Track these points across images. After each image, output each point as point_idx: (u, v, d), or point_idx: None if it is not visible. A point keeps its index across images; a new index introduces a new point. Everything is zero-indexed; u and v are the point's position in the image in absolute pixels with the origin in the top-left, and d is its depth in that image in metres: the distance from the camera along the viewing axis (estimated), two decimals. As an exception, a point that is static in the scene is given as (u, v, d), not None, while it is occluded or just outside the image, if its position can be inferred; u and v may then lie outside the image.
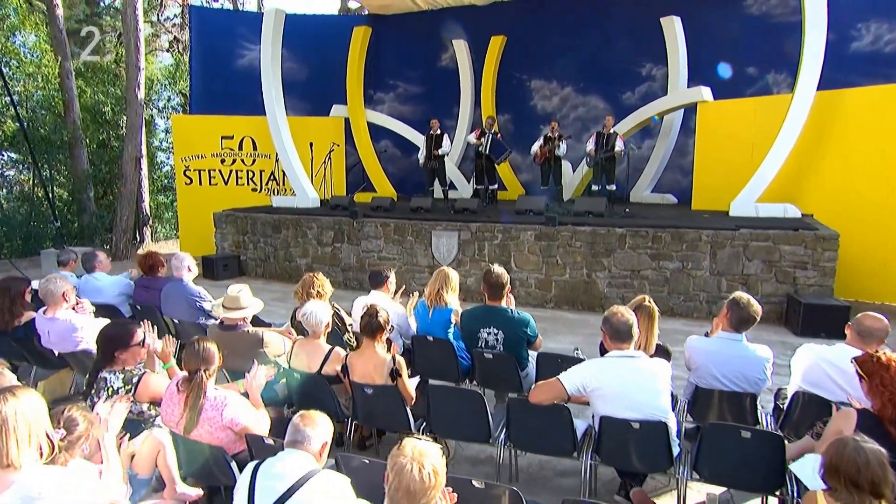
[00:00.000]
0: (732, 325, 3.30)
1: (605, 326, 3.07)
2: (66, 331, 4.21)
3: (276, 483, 2.10)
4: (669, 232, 7.51)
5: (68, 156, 12.70)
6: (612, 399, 2.91)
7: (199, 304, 5.11)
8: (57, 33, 12.28)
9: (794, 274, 7.00)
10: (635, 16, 11.80)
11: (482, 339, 4.08)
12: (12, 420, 2.10)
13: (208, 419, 2.82)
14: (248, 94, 13.27)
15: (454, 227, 8.57)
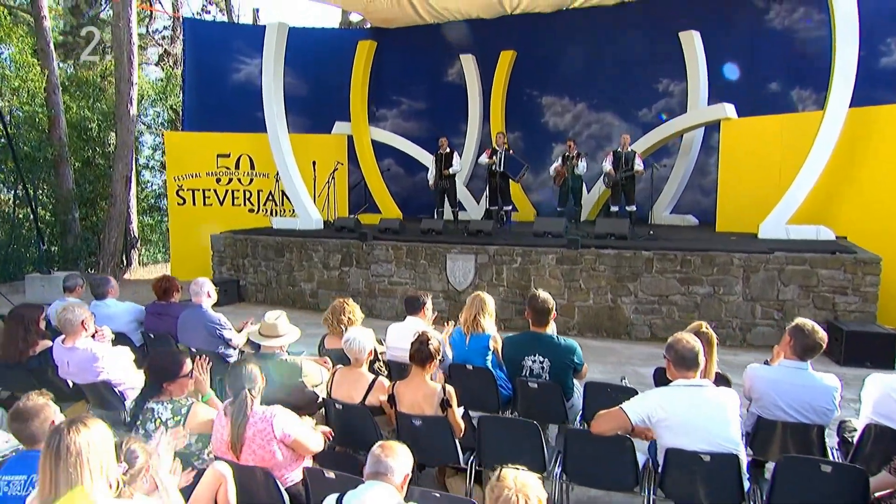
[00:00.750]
0: (797, 354, 3.38)
1: (669, 354, 3.15)
2: (86, 361, 4.24)
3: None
4: (699, 255, 7.64)
5: (53, 174, 12.75)
6: (680, 430, 2.97)
7: (219, 332, 5.16)
8: (44, 46, 12.44)
9: (833, 300, 7.12)
10: (652, 30, 12.11)
11: (526, 367, 4.15)
12: (86, 451, 2.16)
13: (259, 432, 2.91)
14: (244, 109, 13.47)
15: (470, 251, 8.68)
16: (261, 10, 18.50)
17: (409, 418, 3.52)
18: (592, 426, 3.18)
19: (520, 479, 1.91)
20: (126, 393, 4.43)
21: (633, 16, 12.20)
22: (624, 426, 3.11)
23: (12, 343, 4.47)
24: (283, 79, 11.50)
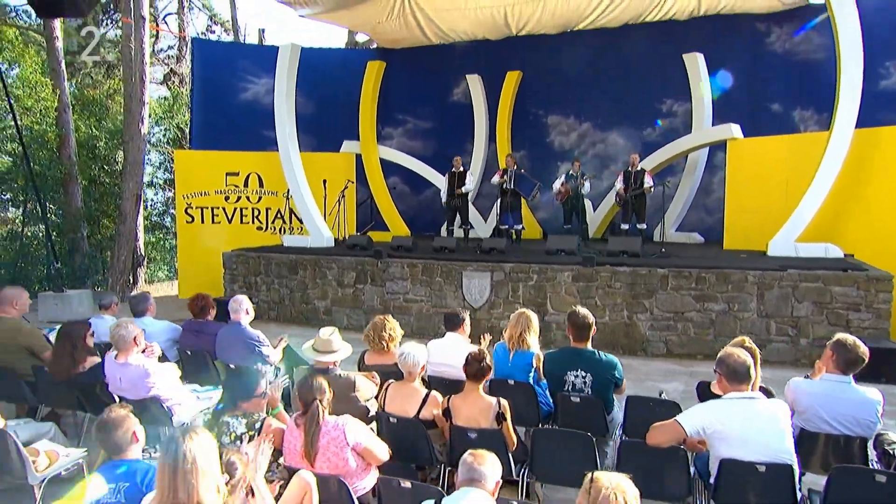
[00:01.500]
0: (839, 368, 3.54)
1: (721, 368, 3.30)
2: (139, 377, 4.34)
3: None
4: (714, 272, 7.83)
5: (62, 193, 12.82)
6: (736, 441, 3.11)
7: (257, 349, 5.26)
8: (55, 65, 12.60)
9: (847, 316, 7.31)
10: (655, 52, 12.40)
11: (569, 382, 4.28)
12: (200, 460, 2.29)
13: (332, 440, 3.05)
14: (251, 128, 13.66)
15: (486, 268, 8.82)
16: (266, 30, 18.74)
17: (464, 431, 3.64)
18: (648, 438, 3.32)
19: (614, 480, 2.05)
20: (173, 409, 4.53)
21: (637, 38, 12.49)
22: (679, 437, 3.25)
23: (62, 360, 4.56)
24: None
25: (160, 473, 2.31)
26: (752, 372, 3.24)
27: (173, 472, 2.27)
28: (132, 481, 2.78)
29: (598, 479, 2.07)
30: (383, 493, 3.05)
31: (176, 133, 17.37)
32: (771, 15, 11.57)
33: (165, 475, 2.28)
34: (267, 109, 13.57)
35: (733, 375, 3.23)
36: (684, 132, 12.20)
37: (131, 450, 2.88)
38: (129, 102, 13.02)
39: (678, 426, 3.23)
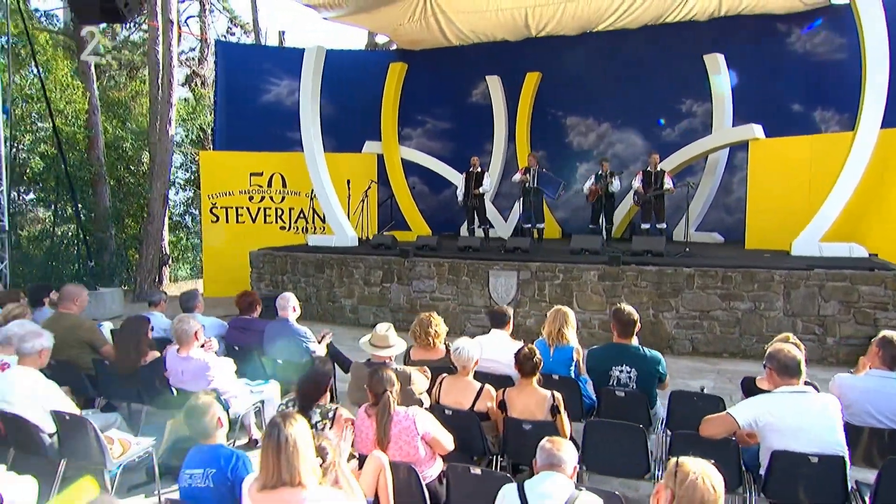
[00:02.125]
0: (886, 364, 3.66)
1: (772, 363, 3.42)
2: (200, 370, 4.51)
3: (548, 501, 2.43)
4: (740, 272, 7.93)
5: (91, 193, 13.05)
6: (788, 434, 3.22)
7: (304, 345, 5.43)
8: (85, 69, 12.83)
9: (874, 315, 7.38)
10: (674, 53, 12.49)
11: (614, 377, 4.40)
12: (300, 443, 2.45)
13: (404, 430, 3.20)
14: (273, 129, 13.85)
15: (513, 267, 8.95)
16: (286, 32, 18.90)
17: (519, 423, 3.77)
18: (701, 430, 3.44)
19: (700, 465, 2.16)
20: (230, 401, 4.69)
21: (657, 38, 12.59)
22: (731, 430, 3.36)
23: (126, 353, 4.73)
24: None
25: (264, 455, 2.47)
26: (802, 366, 3.36)
27: (276, 454, 2.42)
28: (218, 466, 2.93)
29: (683, 464, 2.18)
30: (452, 480, 3.19)
31: (198, 134, 17.58)
32: (791, 15, 11.65)
33: (270, 457, 2.43)
34: (289, 110, 13.78)
35: (784, 370, 3.36)
36: (703, 132, 12.31)
37: (217, 434, 3.04)
38: (155, 105, 13.23)
39: (731, 419, 3.35)
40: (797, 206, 9.63)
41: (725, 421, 3.37)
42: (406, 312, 9.64)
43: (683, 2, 11.50)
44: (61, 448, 3.98)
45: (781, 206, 10.01)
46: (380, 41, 17.27)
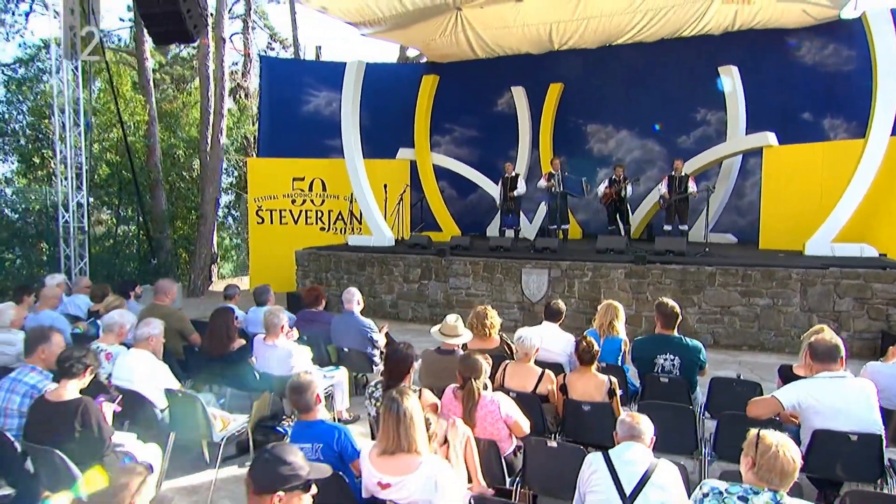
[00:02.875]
0: (914, 352, 3.84)
1: (812, 351, 3.61)
2: (284, 356, 4.77)
3: (632, 467, 2.64)
4: (759, 270, 8.08)
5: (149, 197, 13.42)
6: (829, 414, 3.40)
7: (369, 335, 5.67)
8: (144, 83, 13.20)
9: (886, 311, 7.52)
10: (689, 64, 12.58)
11: (658, 364, 4.60)
12: (416, 414, 2.68)
13: (489, 413, 3.43)
14: (312, 137, 14.12)
15: (544, 265, 9.14)
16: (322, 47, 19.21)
17: (578, 404, 3.98)
18: (748, 411, 3.62)
19: (779, 437, 2.35)
20: (310, 387, 4.92)
21: (674, 51, 12.66)
22: (776, 411, 3.55)
23: (218, 340, 4.99)
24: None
25: (384, 425, 2.70)
26: (841, 352, 3.54)
27: (396, 425, 2.66)
28: (325, 441, 3.15)
29: (764, 436, 2.37)
30: (529, 451, 3.40)
31: (242, 142, 17.92)
32: (802, 29, 11.71)
33: (390, 427, 2.67)
34: (327, 120, 14.07)
35: (825, 356, 3.54)
36: (717, 140, 12.41)
37: (317, 410, 3.27)
38: (205, 115, 13.53)
39: (776, 401, 3.53)
40: (809, 209, 9.73)
41: (771, 403, 3.56)
42: (443, 308, 9.84)
43: (699, 17, 11.57)
44: (172, 421, 4.26)
45: (794, 208, 10.11)
46: (411, 54, 17.50)
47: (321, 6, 11.00)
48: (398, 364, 3.62)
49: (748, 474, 2.39)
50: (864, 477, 3.51)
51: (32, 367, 3.79)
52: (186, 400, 4.19)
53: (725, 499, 2.38)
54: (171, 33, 8.12)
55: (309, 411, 3.27)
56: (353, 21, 11.81)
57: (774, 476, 2.30)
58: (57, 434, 3.34)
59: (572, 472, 3.23)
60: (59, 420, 3.37)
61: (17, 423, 3.63)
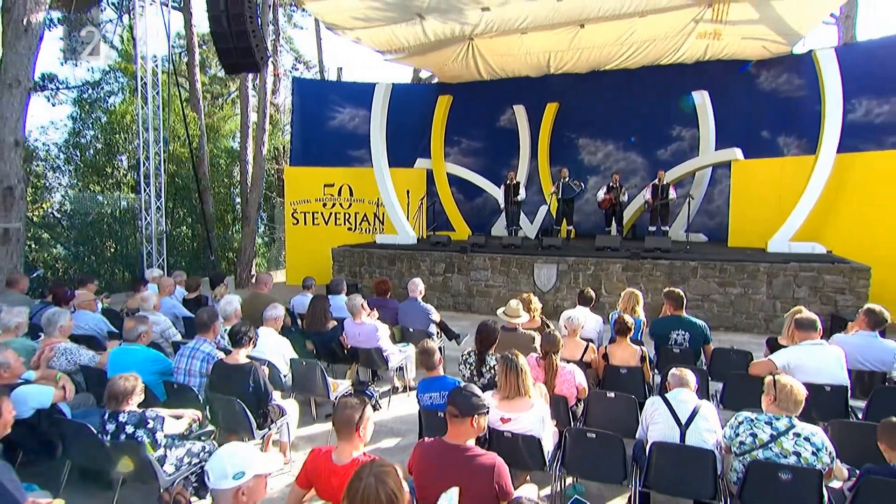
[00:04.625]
0: (870, 326, 4.61)
1: (796, 325, 4.37)
2: (370, 333, 5.42)
3: (685, 405, 3.36)
4: (733, 265, 8.88)
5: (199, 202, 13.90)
6: (811, 371, 4.16)
7: (430, 318, 6.34)
8: (195, 102, 13.62)
9: (835, 298, 8.36)
10: (668, 88, 13.35)
11: (672, 338, 5.34)
12: (526, 369, 3.36)
13: (566, 380, 4.10)
14: (337, 148, 14.62)
15: (553, 261, 9.85)
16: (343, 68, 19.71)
17: (617, 369, 4.71)
18: (751, 371, 4.38)
19: (789, 379, 3.08)
20: (389, 356, 5.60)
21: (653, 77, 13.35)
22: (771, 370, 4.29)
23: (318, 320, 5.63)
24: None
25: (504, 377, 3.37)
26: (818, 326, 4.30)
27: (515, 376, 3.34)
28: (448, 389, 3.82)
29: (780, 379, 3.11)
30: (592, 401, 4.11)
31: (274, 152, 18.38)
32: (761, 61, 12.52)
33: (510, 378, 3.35)
34: (350, 133, 14.61)
35: (808, 328, 4.31)
36: (690, 153, 13.22)
37: (439, 368, 3.95)
38: (245, 129, 14.02)
39: (771, 363, 4.28)
40: (770, 213, 10.54)
41: (768, 364, 4.30)
42: (465, 297, 10.54)
43: (676, 49, 12.31)
44: (294, 384, 4.90)
45: (757, 212, 10.93)
46: (423, 75, 18.07)
47: (356, 37, 11.55)
48: (488, 336, 4.30)
49: (770, 407, 3.12)
50: (835, 417, 4.26)
51: (205, 340, 4.42)
52: (309, 367, 4.83)
53: (755, 423, 3.12)
54: (241, 64, 8.65)
55: (434, 369, 3.94)
56: (381, 49, 12.38)
57: (791, 405, 3.04)
58: (235, 388, 3.98)
59: (625, 415, 3.97)
60: (236, 378, 4.01)
61: (198, 381, 4.26)
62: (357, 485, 1.92)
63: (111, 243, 11.85)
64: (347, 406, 2.72)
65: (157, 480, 3.42)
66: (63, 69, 11.44)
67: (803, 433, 3.02)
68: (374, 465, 1.98)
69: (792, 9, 9.82)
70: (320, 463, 2.61)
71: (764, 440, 3.06)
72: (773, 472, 2.98)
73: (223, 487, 1.98)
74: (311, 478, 2.62)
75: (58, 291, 6.17)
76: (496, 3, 10.18)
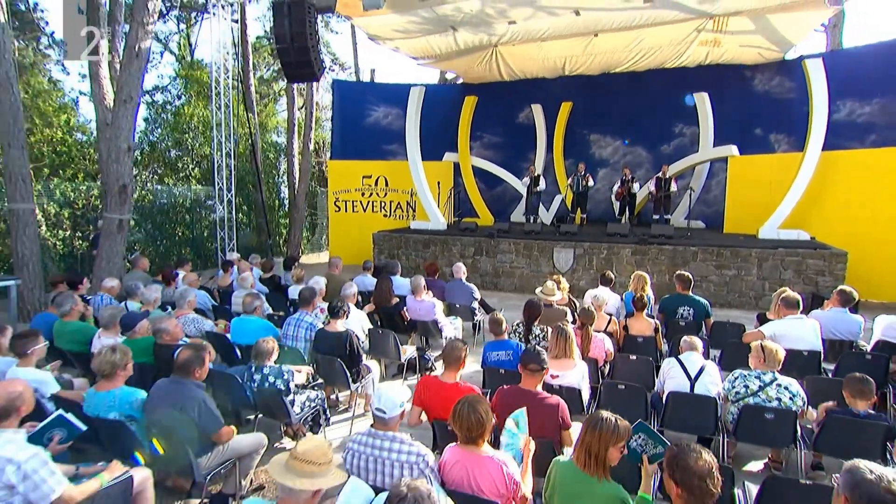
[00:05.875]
0: (841, 304, 5.28)
1: (782, 301, 5.05)
2: (429, 308, 6.15)
3: (694, 365, 4.08)
4: (729, 249, 9.50)
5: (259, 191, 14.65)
6: (792, 339, 4.85)
7: (472, 295, 7.05)
8: (250, 104, 14.29)
9: (816, 279, 8.99)
10: (672, 89, 13.77)
11: (679, 313, 6.05)
12: (572, 335, 4.07)
13: (597, 347, 4.81)
14: (373, 143, 15.21)
15: (571, 245, 10.52)
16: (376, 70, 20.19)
17: (635, 338, 5.42)
18: (745, 339, 5.08)
19: (774, 344, 3.79)
20: (443, 328, 6.33)
21: (658, 79, 13.74)
22: (761, 338, 4.98)
23: (383, 295, 6.37)
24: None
25: (555, 342, 4.08)
26: (800, 303, 4.97)
27: (564, 341, 4.06)
28: (513, 350, 4.53)
29: (766, 344, 3.81)
30: (619, 362, 4.83)
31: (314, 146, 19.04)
32: (756, 65, 12.93)
33: (559, 342, 4.06)
34: (384, 129, 15.19)
35: (793, 305, 4.98)
36: (690, 148, 13.72)
37: (504, 334, 4.67)
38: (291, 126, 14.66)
39: (761, 332, 4.97)
40: (761, 204, 11.01)
41: (759, 334, 4.99)
42: (492, 277, 11.24)
43: (679, 55, 12.72)
44: (371, 349, 5.65)
45: (750, 203, 11.46)
46: (449, 76, 18.55)
47: (395, 46, 12.13)
48: (533, 310, 5.02)
49: (758, 365, 3.83)
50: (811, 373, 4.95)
51: (306, 312, 5.18)
52: (384, 334, 5.58)
53: (747, 377, 3.83)
54: (302, 74, 9.28)
55: (501, 334, 4.66)
56: (415, 56, 12.94)
57: (774, 363, 3.75)
58: (334, 350, 4.74)
59: (644, 373, 4.68)
60: (335, 342, 4.78)
61: (304, 345, 5.03)
62: (458, 407, 2.66)
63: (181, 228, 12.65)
64: (455, 347, 3.52)
65: (288, 417, 4.20)
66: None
67: (783, 383, 3.74)
68: (470, 396, 2.73)
69: (784, 21, 10.27)
70: (430, 384, 3.53)
71: (754, 389, 3.77)
72: (761, 413, 3.70)
73: (394, 414, 2.74)
74: (423, 395, 3.44)
75: (165, 271, 6.97)
76: (522, 17, 10.72)
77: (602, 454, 2.41)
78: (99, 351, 3.48)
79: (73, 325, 4.93)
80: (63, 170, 12.08)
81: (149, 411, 3.38)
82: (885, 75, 10.48)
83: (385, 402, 2.74)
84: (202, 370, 3.49)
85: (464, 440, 2.62)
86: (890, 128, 10.37)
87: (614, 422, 2.45)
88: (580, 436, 2.51)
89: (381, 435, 2.76)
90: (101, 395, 3.43)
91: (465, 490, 2.60)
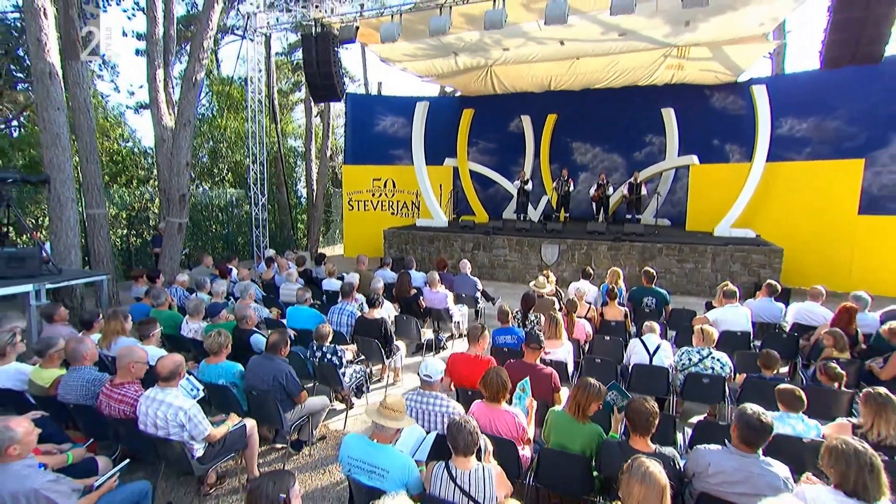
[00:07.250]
0: (768, 294, 6.18)
1: (723, 293, 5.93)
2: (442, 298, 6.97)
3: (652, 343, 4.94)
4: (689, 246, 10.37)
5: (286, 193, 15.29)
6: (729, 323, 5.75)
7: (476, 287, 7.88)
8: (273, 114, 14.88)
9: (759, 272, 9.90)
10: (643, 105, 14.53)
11: (644, 302, 6.92)
12: (560, 322, 4.91)
13: (579, 329, 5.66)
14: (381, 150, 15.88)
15: (556, 242, 11.35)
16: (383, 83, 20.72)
17: (609, 322, 6.28)
18: (693, 322, 5.95)
19: (710, 327, 4.67)
20: (453, 314, 7.16)
21: (632, 95, 14.47)
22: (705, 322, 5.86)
23: (403, 287, 7.16)
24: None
25: (548, 326, 4.92)
26: (737, 294, 5.86)
27: (555, 326, 4.89)
28: (517, 336, 5.35)
29: (706, 328, 4.68)
30: (596, 343, 5.69)
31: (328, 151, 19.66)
32: (713, 85, 13.70)
33: (552, 327, 4.90)
34: (391, 137, 15.83)
35: (731, 296, 5.87)
36: (659, 156, 14.52)
37: (510, 322, 5.50)
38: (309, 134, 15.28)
39: (706, 317, 5.86)
40: (717, 205, 11.94)
41: (704, 319, 5.87)
42: (488, 269, 12.04)
43: (649, 75, 13.49)
44: (397, 332, 6.47)
45: (709, 204, 12.37)
46: (448, 89, 19.16)
47: (403, 67, 12.80)
48: (529, 301, 5.87)
49: (699, 343, 4.71)
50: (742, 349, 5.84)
51: (347, 302, 5.99)
52: (408, 321, 6.40)
53: (690, 353, 4.71)
54: (327, 95, 9.97)
55: (507, 322, 5.46)
56: (420, 74, 13.62)
57: (710, 342, 4.63)
58: (371, 333, 5.56)
59: (615, 350, 5.54)
60: (372, 327, 5.59)
61: (346, 329, 5.84)
62: (488, 374, 3.50)
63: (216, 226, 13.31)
64: (476, 328, 4.34)
65: (340, 386, 5.03)
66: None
67: (717, 356, 4.63)
68: (496, 367, 3.57)
69: (736, 51, 11.08)
70: (458, 358, 4.35)
71: (695, 361, 4.66)
72: (700, 379, 4.59)
73: (437, 378, 3.58)
74: (451, 368, 4.27)
75: (221, 267, 7.73)
76: (514, 45, 11.44)
77: (586, 406, 3.26)
78: (209, 335, 4.27)
79: (166, 313, 5.71)
80: (119, 176, 12.70)
81: (249, 379, 4.20)
82: (817, 98, 11.34)
83: (431, 370, 3.58)
84: (286, 349, 4.30)
85: (490, 398, 3.46)
86: (822, 143, 11.26)
87: (598, 386, 3.30)
88: (571, 393, 3.36)
89: (427, 394, 3.59)
90: (212, 367, 4.24)
91: (488, 432, 3.46)
